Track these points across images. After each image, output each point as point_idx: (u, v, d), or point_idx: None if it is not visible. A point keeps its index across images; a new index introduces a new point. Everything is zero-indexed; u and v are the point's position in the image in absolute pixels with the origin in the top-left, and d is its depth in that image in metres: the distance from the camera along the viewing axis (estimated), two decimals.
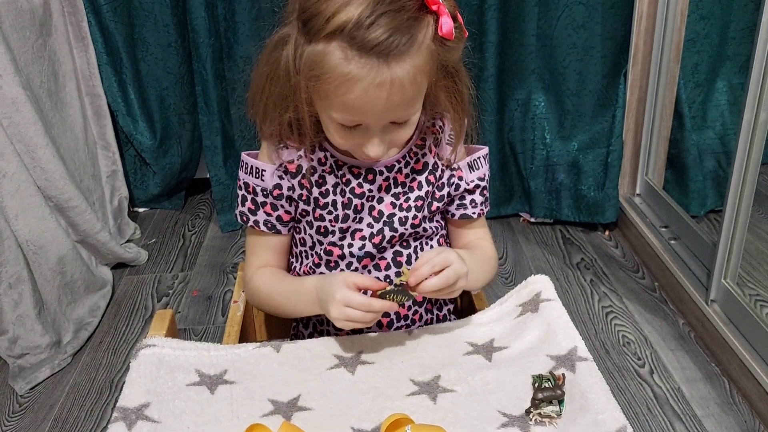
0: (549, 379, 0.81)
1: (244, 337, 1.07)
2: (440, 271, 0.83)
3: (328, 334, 1.02)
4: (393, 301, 0.84)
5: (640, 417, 1.49)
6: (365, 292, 0.85)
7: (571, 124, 2.15)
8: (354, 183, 0.94)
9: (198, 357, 0.89)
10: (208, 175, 2.25)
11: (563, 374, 0.81)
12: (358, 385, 0.85)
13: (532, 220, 2.27)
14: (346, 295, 0.83)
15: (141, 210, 2.40)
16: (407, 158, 0.96)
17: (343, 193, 0.94)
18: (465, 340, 0.92)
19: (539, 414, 0.77)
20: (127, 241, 2.18)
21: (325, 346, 0.91)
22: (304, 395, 0.83)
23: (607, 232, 2.21)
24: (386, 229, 0.95)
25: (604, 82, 2.08)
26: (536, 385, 0.80)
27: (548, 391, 0.79)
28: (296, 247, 1.03)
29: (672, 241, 1.95)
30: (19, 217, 1.61)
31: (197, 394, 0.83)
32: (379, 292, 0.85)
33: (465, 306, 1.11)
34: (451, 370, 0.86)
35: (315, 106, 0.84)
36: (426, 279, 0.83)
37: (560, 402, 0.78)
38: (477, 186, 0.99)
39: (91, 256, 1.94)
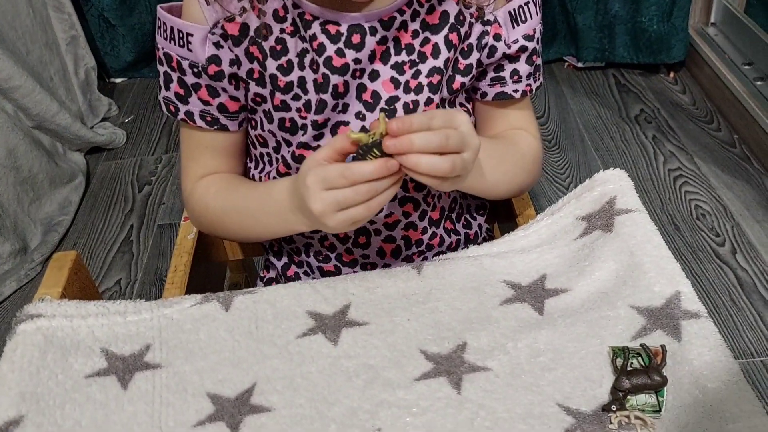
0: (640, 354, 0.51)
1: (209, 257, 0.79)
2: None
3: (308, 267, 0.73)
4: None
5: (722, 310, 1.21)
6: None
7: None
8: (331, 49, 0.62)
9: (108, 327, 0.61)
10: None
11: (662, 346, 0.51)
12: (341, 363, 0.56)
13: (580, 65, 1.93)
14: (319, 173, 0.54)
15: (118, 81, 2.07)
16: (415, 5, 0.62)
17: (315, 67, 0.62)
18: (502, 278, 0.62)
19: (626, 414, 0.48)
20: (103, 119, 1.88)
21: (296, 299, 0.62)
22: (261, 385, 0.55)
23: (671, 74, 1.86)
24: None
25: None
26: (619, 363, 0.51)
27: (640, 376, 0.49)
28: (254, 147, 0.71)
29: (758, 82, 1.59)
30: None
31: (102, 390, 0.55)
32: (357, 153, 0.54)
33: (501, 217, 0.80)
34: (482, 331, 0.57)
35: None
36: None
37: (658, 392, 0.49)
38: (523, 49, 0.66)
39: (55, 143, 1.65)
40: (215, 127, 0.67)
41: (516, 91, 0.68)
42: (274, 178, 0.69)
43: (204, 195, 0.70)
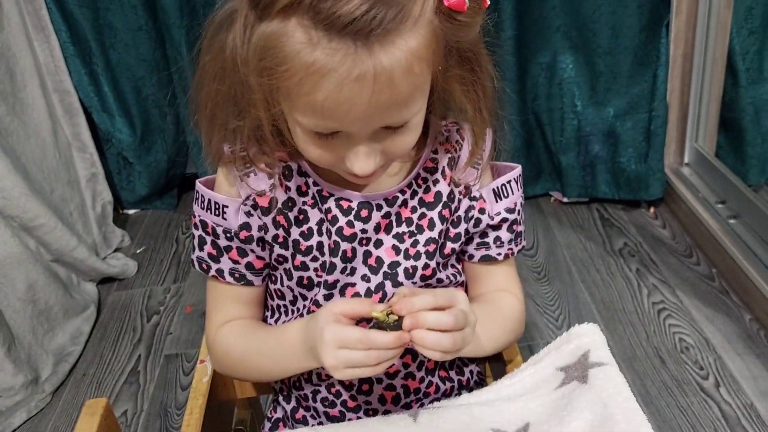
0: None
1: (219, 396, 0.85)
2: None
3: (315, 411, 0.80)
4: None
5: None
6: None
7: (605, 87, 1.89)
8: (343, 221, 0.72)
9: None
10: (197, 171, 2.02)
11: None
12: None
13: (565, 200, 2.03)
14: (337, 334, 0.62)
15: (131, 212, 2.19)
16: (414, 186, 0.73)
17: (329, 234, 0.72)
18: (490, 425, 0.69)
19: None
20: (116, 250, 1.98)
21: None
22: None
23: (652, 210, 1.95)
24: (388, 283, 0.73)
25: (642, 36, 1.80)
26: None
27: None
28: (272, 299, 0.80)
29: (731, 220, 1.68)
30: None
31: None
32: (374, 322, 0.63)
33: (491, 358, 0.87)
34: None
35: (275, 107, 0.62)
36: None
37: None
38: (505, 220, 0.76)
39: (71, 275, 1.74)
40: (242, 282, 0.76)
41: (499, 254, 0.77)
42: None
43: (225, 340, 0.77)
